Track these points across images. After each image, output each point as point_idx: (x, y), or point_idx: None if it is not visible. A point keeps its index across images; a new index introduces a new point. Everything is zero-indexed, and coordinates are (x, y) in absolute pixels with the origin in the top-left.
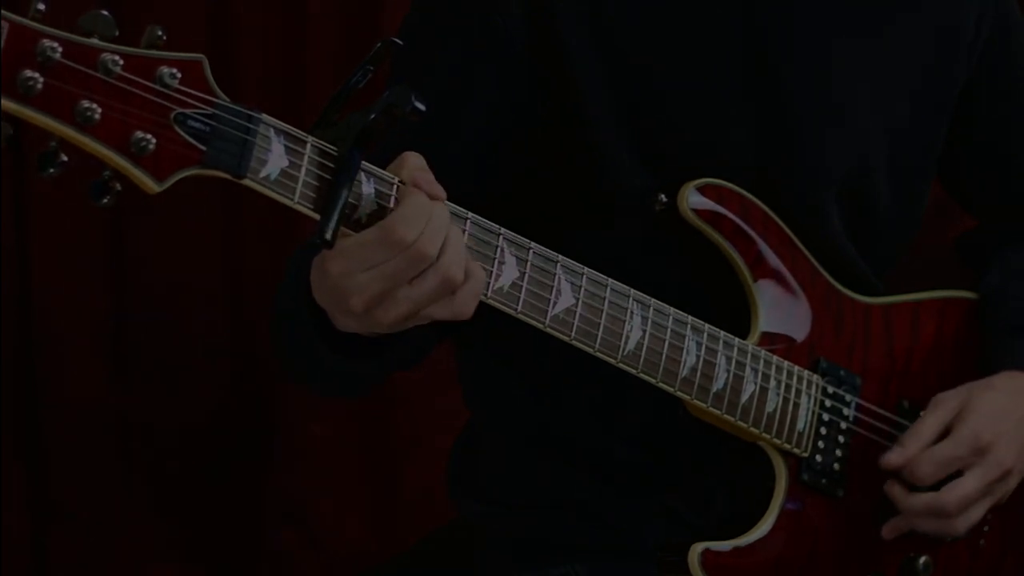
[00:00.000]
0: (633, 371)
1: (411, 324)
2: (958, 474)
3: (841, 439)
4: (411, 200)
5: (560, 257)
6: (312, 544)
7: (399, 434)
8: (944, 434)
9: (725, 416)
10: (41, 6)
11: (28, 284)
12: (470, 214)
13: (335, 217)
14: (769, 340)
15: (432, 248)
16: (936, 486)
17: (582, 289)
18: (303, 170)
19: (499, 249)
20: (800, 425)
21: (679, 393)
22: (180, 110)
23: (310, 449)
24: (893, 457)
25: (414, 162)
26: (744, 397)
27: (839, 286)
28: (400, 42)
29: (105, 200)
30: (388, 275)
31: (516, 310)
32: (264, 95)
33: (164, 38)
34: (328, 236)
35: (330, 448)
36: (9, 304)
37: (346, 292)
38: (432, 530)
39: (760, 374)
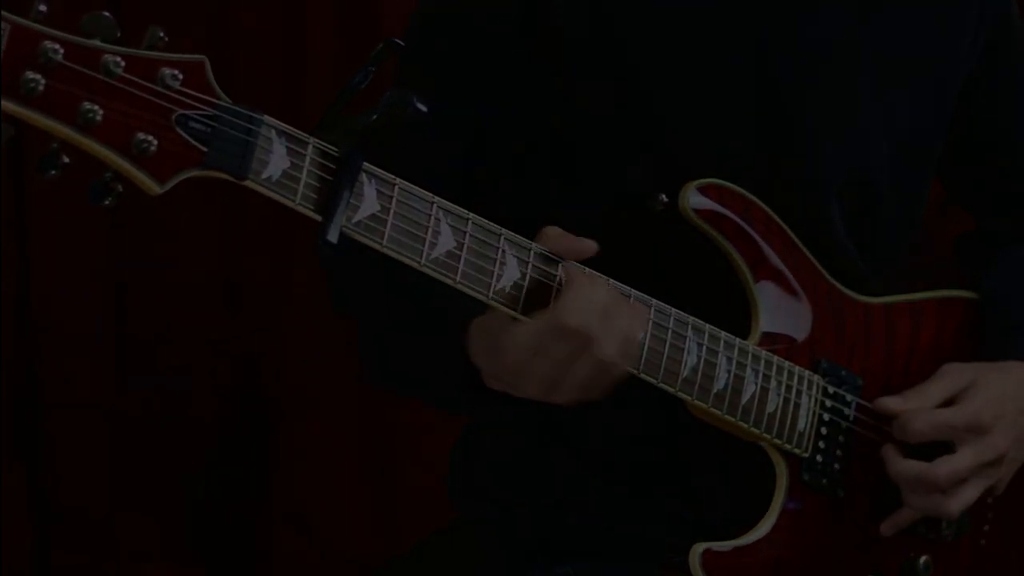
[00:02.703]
0: (634, 372)
1: (589, 396)
2: (951, 450)
3: (842, 439)
4: (575, 287)
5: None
6: (312, 544)
7: (399, 434)
8: (947, 403)
9: (726, 416)
10: (43, 7)
11: (28, 284)
12: (471, 215)
13: (337, 218)
14: (770, 340)
15: (593, 330)
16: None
17: None
18: (305, 171)
19: (500, 250)
20: (801, 425)
21: (680, 394)
22: (181, 111)
23: (310, 449)
24: (891, 402)
25: (554, 232)
26: (745, 397)
27: (840, 286)
28: (401, 43)
29: (106, 201)
30: (557, 361)
31: (518, 311)
32: (263, 97)
33: (165, 39)
34: (331, 237)
35: (330, 448)
36: (9, 304)
37: (522, 377)
38: (432, 530)
39: (761, 374)
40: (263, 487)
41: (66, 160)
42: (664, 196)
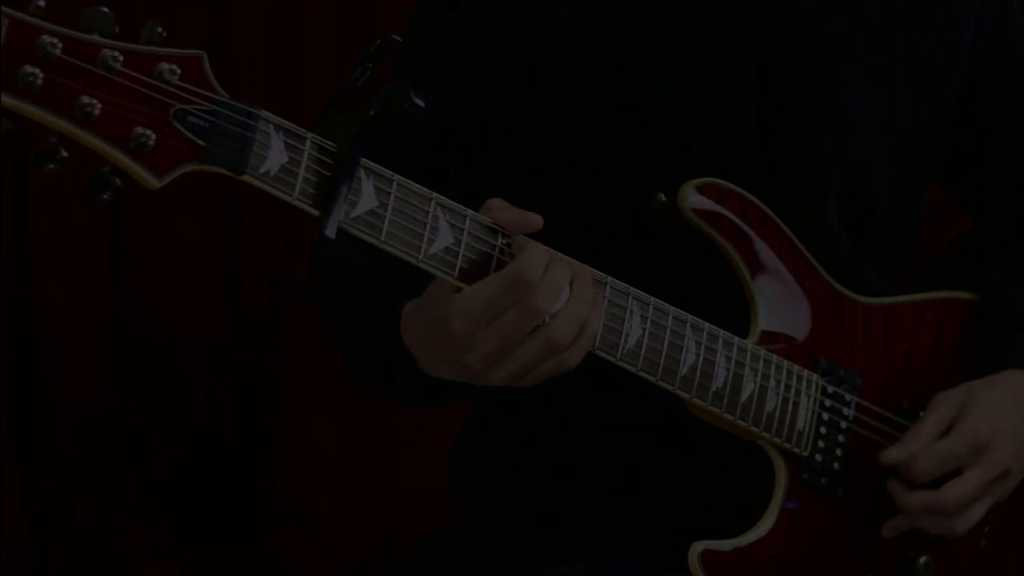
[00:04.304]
0: (632, 369)
1: (518, 384)
2: (957, 473)
3: (841, 438)
4: (530, 247)
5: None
6: (312, 544)
7: (399, 434)
8: (945, 433)
9: (725, 415)
10: (41, 2)
11: (28, 284)
12: (469, 212)
13: (335, 213)
14: (769, 339)
15: (547, 302)
16: (936, 485)
17: None
18: (303, 166)
19: (499, 248)
20: (800, 424)
21: (679, 392)
22: (180, 106)
23: (310, 449)
24: (893, 453)
25: (498, 204)
26: (744, 396)
27: (839, 286)
28: (399, 39)
29: (105, 195)
30: (506, 329)
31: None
32: (262, 95)
33: (163, 34)
34: (329, 232)
35: (330, 448)
36: (9, 304)
37: (467, 348)
38: (431, 531)
39: (760, 373)
40: (263, 487)
41: (64, 155)
42: (662, 195)
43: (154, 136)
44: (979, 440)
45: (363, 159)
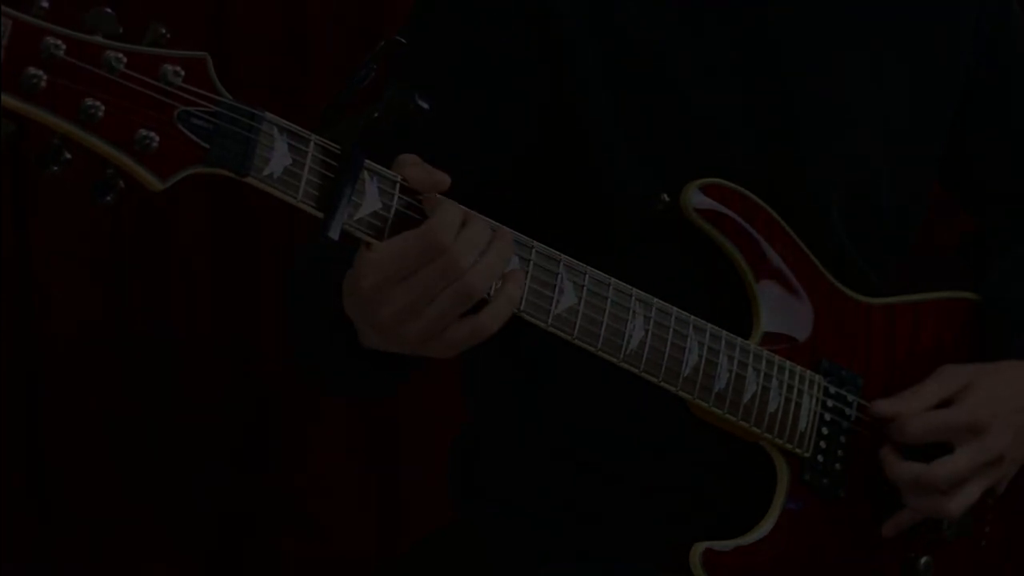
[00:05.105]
0: (635, 371)
1: (435, 349)
2: (949, 451)
3: (843, 439)
4: (442, 206)
5: (563, 256)
6: (312, 545)
7: (399, 434)
8: (944, 404)
9: (727, 416)
10: (45, 3)
11: (28, 284)
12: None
13: (339, 215)
14: (771, 340)
15: (465, 260)
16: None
17: (584, 288)
18: (306, 168)
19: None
20: (802, 425)
21: (681, 393)
22: (183, 108)
23: (310, 449)
24: (886, 405)
25: (410, 159)
26: (746, 397)
27: (841, 286)
28: (403, 40)
29: (108, 198)
30: (418, 286)
31: (519, 309)
32: (261, 95)
33: (167, 36)
34: (332, 234)
35: (330, 448)
36: (9, 304)
37: (377, 304)
38: (432, 531)
39: (762, 374)
40: (263, 487)
41: (68, 156)
42: (665, 195)
43: (158, 138)
44: (976, 420)
45: (367, 161)
